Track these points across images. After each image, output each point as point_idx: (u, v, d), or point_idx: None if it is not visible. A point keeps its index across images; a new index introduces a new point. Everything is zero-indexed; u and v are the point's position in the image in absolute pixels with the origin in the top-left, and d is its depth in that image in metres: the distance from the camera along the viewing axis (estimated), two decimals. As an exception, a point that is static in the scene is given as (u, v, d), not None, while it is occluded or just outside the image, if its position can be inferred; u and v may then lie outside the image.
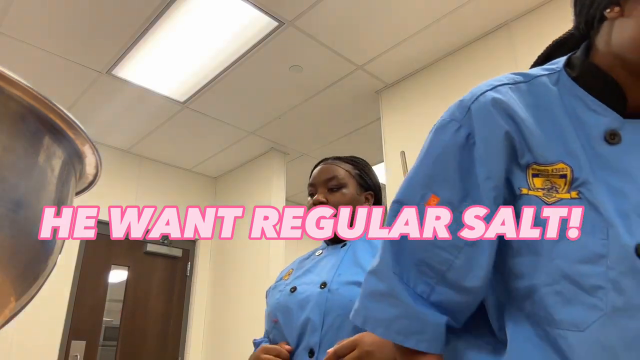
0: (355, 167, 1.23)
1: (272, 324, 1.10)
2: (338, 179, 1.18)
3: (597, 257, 0.51)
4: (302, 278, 1.13)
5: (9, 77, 0.31)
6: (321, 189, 1.18)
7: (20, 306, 0.37)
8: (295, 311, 1.05)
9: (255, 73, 2.89)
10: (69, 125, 0.36)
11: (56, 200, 0.37)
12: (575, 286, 0.51)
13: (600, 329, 0.49)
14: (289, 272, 1.21)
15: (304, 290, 1.08)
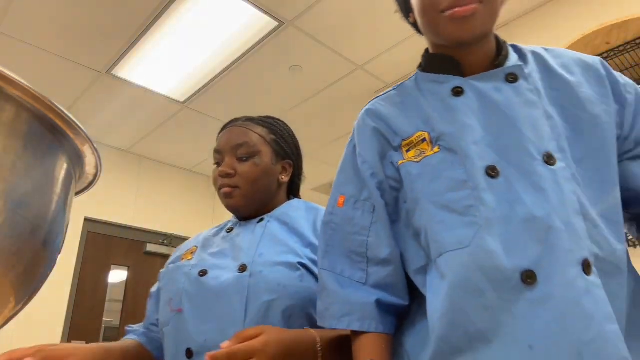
0: (270, 130, 1.04)
1: (172, 314, 0.89)
2: (249, 146, 0.98)
3: (461, 183, 0.63)
4: (213, 259, 0.94)
5: (8, 77, 0.31)
6: (229, 158, 0.99)
7: (20, 306, 0.37)
8: (208, 300, 0.86)
9: (255, 73, 2.89)
10: (69, 125, 0.36)
11: (56, 200, 0.37)
12: (452, 212, 0.63)
13: (480, 241, 0.60)
14: (192, 250, 1.02)
15: (218, 275, 0.89)
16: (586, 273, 0.56)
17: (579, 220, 0.58)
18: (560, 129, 0.64)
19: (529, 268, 0.57)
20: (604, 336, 0.53)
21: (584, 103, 0.66)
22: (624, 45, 1.74)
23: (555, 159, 0.61)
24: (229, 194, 0.97)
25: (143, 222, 3.74)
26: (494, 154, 0.63)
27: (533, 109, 0.64)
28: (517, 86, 0.66)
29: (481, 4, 0.67)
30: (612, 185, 0.63)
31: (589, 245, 0.57)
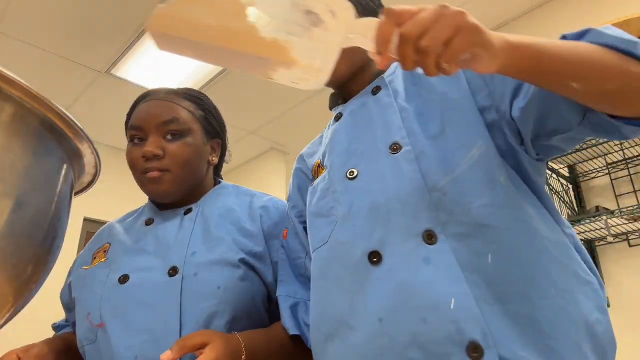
0: (198, 106, 0.91)
1: (93, 330, 0.75)
2: (179, 123, 0.84)
3: (326, 192, 0.73)
4: (133, 260, 0.80)
5: (8, 77, 0.31)
6: (154, 136, 0.83)
7: (19, 306, 0.37)
8: (134, 310, 0.74)
9: (255, 73, 2.89)
10: (68, 125, 0.36)
11: (56, 200, 0.37)
12: (320, 217, 0.72)
13: (336, 235, 0.68)
14: (104, 249, 0.87)
15: (142, 280, 0.76)
16: (429, 243, 0.59)
17: (421, 196, 0.62)
18: (414, 116, 0.69)
19: (375, 249, 0.63)
20: (450, 298, 0.55)
21: (434, 86, 0.71)
22: (624, 45, 1.74)
23: (401, 146, 0.67)
24: (158, 179, 0.82)
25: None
26: (355, 159, 0.72)
27: (387, 110, 0.72)
28: (379, 95, 0.75)
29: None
30: (469, 149, 0.64)
31: (434, 216, 0.60)
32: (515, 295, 0.56)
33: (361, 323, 0.60)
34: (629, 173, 1.87)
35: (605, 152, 1.85)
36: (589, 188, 1.99)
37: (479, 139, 0.64)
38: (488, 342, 0.52)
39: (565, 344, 0.54)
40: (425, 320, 0.55)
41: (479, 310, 0.54)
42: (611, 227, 1.74)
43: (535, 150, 0.64)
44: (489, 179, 0.61)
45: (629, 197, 1.85)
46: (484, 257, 0.57)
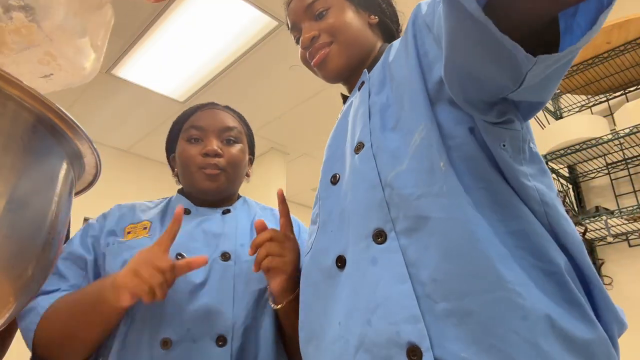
0: (245, 124, 1.04)
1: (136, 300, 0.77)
2: (237, 131, 0.96)
3: (317, 198, 0.73)
4: (184, 243, 0.84)
5: (8, 78, 0.31)
6: (214, 137, 0.93)
7: (19, 306, 0.37)
8: (188, 287, 0.79)
9: (255, 73, 2.89)
10: (68, 126, 0.36)
11: (55, 200, 0.37)
12: (312, 223, 0.73)
13: (316, 242, 0.69)
14: (144, 225, 0.91)
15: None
16: (378, 242, 0.57)
17: (374, 194, 0.60)
18: (379, 109, 0.67)
19: (340, 254, 0.63)
20: (391, 299, 0.53)
21: (394, 73, 0.68)
22: (624, 45, 1.74)
23: (363, 145, 0.65)
24: (216, 176, 0.90)
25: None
26: (339, 162, 0.71)
27: (360, 107, 0.70)
28: (361, 90, 0.73)
29: (331, 44, 0.77)
30: (413, 135, 0.59)
31: (384, 213, 0.58)
32: (459, 290, 0.51)
33: (329, 327, 0.61)
34: (629, 173, 1.87)
35: (605, 152, 1.85)
36: (589, 188, 1.99)
37: (422, 119, 0.59)
38: (425, 344, 0.49)
39: (514, 341, 0.48)
40: (370, 322, 0.54)
41: (418, 311, 0.51)
42: (611, 227, 1.74)
43: (495, 110, 0.54)
44: (427, 166, 0.57)
45: (629, 197, 1.85)
46: (427, 252, 0.53)
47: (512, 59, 0.44)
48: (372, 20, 0.81)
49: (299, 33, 0.83)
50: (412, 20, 0.68)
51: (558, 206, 0.57)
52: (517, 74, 0.46)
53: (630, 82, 1.87)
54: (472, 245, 0.52)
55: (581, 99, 2.03)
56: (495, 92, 0.51)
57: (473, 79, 0.51)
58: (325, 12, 0.78)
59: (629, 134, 1.66)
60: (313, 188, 4.37)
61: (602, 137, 1.73)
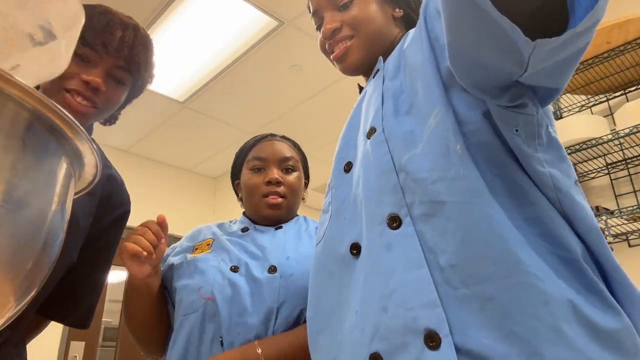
0: (301, 153, 1.16)
1: (203, 302, 0.91)
2: (294, 161, 1.09)
3: (329, 187, 0.73)
4: (237, 256, 0.97)
5: (8, 78, 0.31)
6: (275, 167, 1.05)
7: (19, 306, 0.37)
8: (242, 296, 0.89)
9: (255, 73, 2.89)
10: (68, 125, 0.36)
11: (55, 200, 0.37)
12: (324, 212, 0.72)
13: (329, 230, 0.68)
14: (208, 242, 1.05)
15: (248, 273, 0.93)
16: (393, 227, 0.56)
17: (388, 179, 0.59)
18: (392, 94, 0.66)
19: (355, 241, 0.62)
20: (407, 284, 0.52)
21: (408, 59, 0.67)
22: (624, 45, 1.74)
23: (375, 130, 0.64)
24: (278, 205, 1.02)
25: (142, 222, 3.74)
26: (352, 150, 0.71)
27: (374, 93, 0.70)
28: (375, 78, 0.73)
29: (353, 38, 0.76)
30: (428, 118, 0.58)
31: (399, 198, 0.57)
32: (479, 275, 0.50)
33: (345, 316, 0.60)
34: (629, 173, 1.87)
35: (605, 152, 1.84)
36: (589, 188, 1.99)
37: (437, 103, 0.58)
38: (444, 330, 0.48)
39: (536, 327, 0.47)
40: (386, 309, 0.53)
41: (436, 296, 0.50)
42: (611, 227, 1.74)
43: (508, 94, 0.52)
44: (443, 149, 0.55)
45: (629, 197, 1.85)
46: (445, 237, 0.52)
47: (513, 43, 0.44)
48: (396, 13, 0.80)
49: (320, 20, 0.81)
50: (424, 7, 0.67)
51: (574, 194, 0.55)
52: (520, 59, 0.45)
53: (630, 82, 1.87)
54: (491, 229, 0.51)
55: (581, 99, 2.03)
56: (503, 77, 0.50)
57: (478, 65, 0.50)
58: (349, 3, 0.76)
59: (629, 134, 1.66)
60: (314, 187, 4.37)
61: (602, 137, 1.73)
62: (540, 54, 0.44)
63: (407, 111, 0.62)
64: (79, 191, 0.45)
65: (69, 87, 0.82)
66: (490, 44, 0.47)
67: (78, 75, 0.82)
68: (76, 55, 0.82)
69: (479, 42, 0.48)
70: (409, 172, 0.57)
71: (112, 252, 1.02)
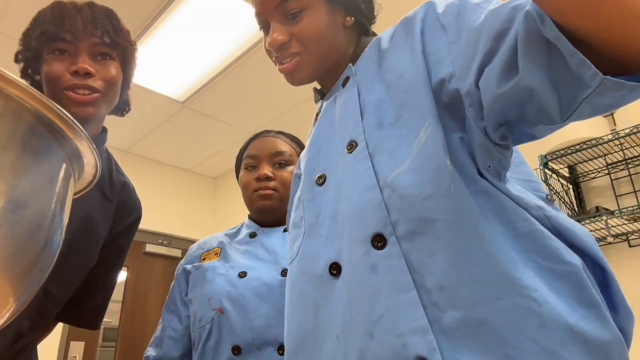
0: (298, 145, 1.15)
1: (214, 313, 0.94)
2: (285, 155, 1.08)
3: (299, 200, 0.69)
4: (247, 261, 0.99)
5: (8, 77, 0.31)
6: (266, 163, 1.07)
7: (19, 307, 0.37)
8: (252, 300, 0.91)
9: (255, 73, 2.88)
10: (68, 125, 0.35)
11: (55, 200, 0.37)
12: (296, 227, 0.69)
13: (304, 247, 0.65)
14: (215, 251, 1.07)
15: (259, 277, 0.94)
16: (377, 247, 0.53)
17: (372, 196, 0.56)
18: (374, 105, 0.63)
19: (334, 260, 0.59)
20: (395, 309, 0.50)
21: (394, 67, 0.63)
22: (624, 45, 1.74)
23: (356, 143, 0.62)
24: (268, 195, 1.03)
25: (142, 222, 3.72)
26: (324, 161, 0.68)
27: (349, 104, 0.66)
28: (346, 87, 0.70)
29: (301, 55, 0.70)
30: (418, 132, 0.56)
31: (383, 216, 0.54)
32: (470, 298, 0.48)
33: (323, 341, 0.56)
34: (629, 173, 1.87)
35: (605, 152, 1.84)
36: (589, 188, 1.99)
37: (428, 117, 0.56)
38: (436, 357, 0.46)
39: (531, 350, 0.46)
40: (372, 335, 0.50)
41: (426, 321, 0.48)
42: (611, 227, 1.74)
43: (499, 133, 0.52)
44: (434, 165, 0.53)
45: (629, 198, 1.85)
46: (433, 257, 0.50)
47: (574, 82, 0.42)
48: (347, 22, 0.74)
49: (264, 22, 0.74)
50: (421, 17, 0.63)
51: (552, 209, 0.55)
52: (570, 104, 0.44)
53: (630, 82, 1.87)
54: (483, 249, 0.49)
55: (581, 99, 2.02)
56: (536, 119, 0.49)
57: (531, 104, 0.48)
58: (298, 13, 0.69)
59: (629, 134, 1.66)
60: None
61: (602, 137, 1.73)
62: (596, 101, 0.43)
63: (393, 122, 0.60)
64: (79, 191, 0.45)
65: (65, 85, 0.83)
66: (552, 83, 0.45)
67: (66, 70, 0.83)
68: (54, 53, 0.85)
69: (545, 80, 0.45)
70: (396, 188, 0.55)
71: (123, 256, 1.04)
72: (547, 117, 0.47)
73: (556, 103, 0.45)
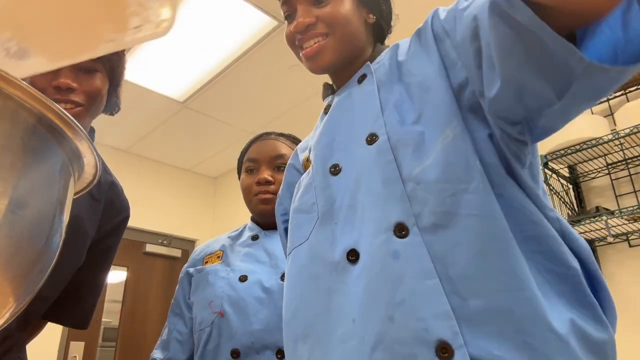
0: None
1: (214, 316, 0.94)
2: (285, 158, 1.07)
3: (309, 187, 0.71)
4: (249, 265, 0.99)
5: (7, 77, 0.31)
6: (265, 167, 1.07)
7: (19, 307, 0.37)
8: (252, 305, 0.92)
9: (255, 73, 2.88)
10: (68, 125, 0.35)
11: (55, 200, 0.37)
12: (302, 212, 0.70)
13: (316, 232, 0.66)
14: (218, 254, 1.08)
15: (259, 281, 0.95)
16: (399, 236, 0.56)
17: (393, 187, 0.59)
18: (394, 103, 0.66)
19: (352, 247, 0.60)
20: (417, 294, 0.52)
21: (412, 68, 0.67)
22: (624, 45, 1.74)
23: (377, 136, 0.64)
24: (269, 200, 1.03)
25: (142, 222, 3.74)
26: (339, 152, 0.69)
27: (367, 99, 0.69)
28: (363, 84, 0.72)
29: (327, 37, 0.73)
30: (443, 130, 0.59)
31: (406, 207, 0.57)
32: (491, 287, 0.51)
33: (337, 324, 0.58)
34: (629, 173, 1.87)
35: (605, 152, 1.84)
36: (589, 188, 1.99)
37: (454, 119, 0.58)
38: (458, 341, 0.48)
39: (547, 339, 0.48)
40: (392, 319, 0.52)
41: (449, 307, 0.50)
42: (611, 227, 1.74)
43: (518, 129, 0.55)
44: (464, 162, 0.56)
45: (629, 197, 1.85)
46: (458, 248, 0.53)
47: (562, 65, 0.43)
48: (369, 19, 0.78)
49: (290, 9, 0.77)
50: (430, 24, 0.67)
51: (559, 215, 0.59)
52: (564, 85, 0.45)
53: (630, 82, 1.87)
54: (507, 243, 0.52)
55: (581, 99, 2.02)
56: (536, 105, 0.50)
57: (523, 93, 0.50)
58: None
59: (629, 134, 1.66)
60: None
61: (602, 137, 1.73)
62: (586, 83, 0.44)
63: (416, 120, 0.62)
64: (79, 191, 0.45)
65: None
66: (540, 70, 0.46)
67: (49, 85, 0.82)
68: None
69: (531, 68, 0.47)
70: (421, 181, 0.57)
71: (111, 256, 1.04)
72: (546, 100, 0.49)
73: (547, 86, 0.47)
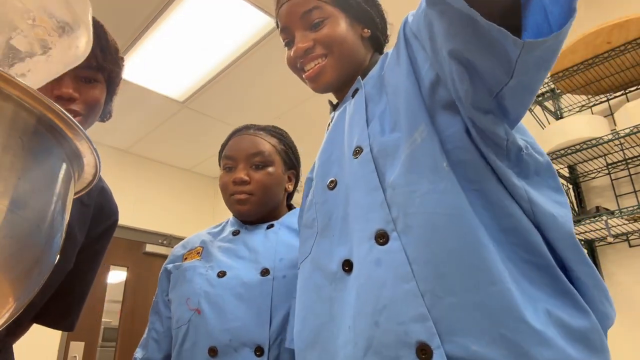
0: (280, 141, 1.10)
1: (191, 313, 0.91)
2: (264, 156, 1.03)
3: (311, 203, 0.75)
4: (228, 260, 0.96)
5: (7, 77, 0.31)
6: (243, 165, 1.02)
7: (19, 307, 0.37)
8: (230, 301, 0.89)
9: (255, 73, 2.88)
10: (68, 125, 0.35)
11: (55, 200, 0.37)
12: (307, 228, 0.74)
13: (317, 246, 0.69)
14: (197, 250, 1.04)
15: (238, 277, 0.92)
16: (380, 243, 0.58)
17: (375, 196, 0.61)
18: (378, 115, 0.68)
19: (346, 258, 0.63)
20: (397, 299, 0.54)
21: (389, 80, 0.70)
22: (624, 45, 1.74)
23: (361, 149, 0.66)
24: (244, 200, 1.00)
25: (142, 222, 3.74)
26: (335, 167, 0.72)
27: (356, 113, 0.71)
28: (355, 97, 0.74)
29: (327, 57, 0.77)
30: (411, 134, 0.61)
31: (385, 214, 0.59)
32: (464, 284, 0.52)
33: (338, 332, 0.61)
34: (629, 173, 1.87)
35: (605, 152, 1.84)
36: (589, 188, 1.99)
37: (421, 121, 0.61)
38: (435, 342, 0.50)
39: (521, 330, 0.49)
40: (377, 324, 0.55)
41: (425, 309, 0.52)
42: (611, 227, 1.73)
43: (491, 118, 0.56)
44: (431, 164, 0.58)
45: (629, 197, 1.85)
46: (431, 248, 0.55)
47: (501, 47, 0.46)
48: (365, 33, 0.81)
49: (289, 37, 0.82)
50: (401, 30, 0.71)
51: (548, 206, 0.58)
52: (508, 63, 0.48)
53: (630, 82, 1.87)
54: (476, 240, 0.54)
55: (581, 99, 2.02)
56: (492, 83, 0.52)
57: (476, 72, 0.52)
58: (321, 22, 0.77)
59: (629, 134, 1.66)
60: (313, 188, 4.36)
61: (602, 137, 1.73)
62: (528, 58, 0.47)
63: (393, 128, 0.65)
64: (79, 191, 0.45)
65: None
66: (484, 51, 0.49)
67: (51, 93, 0.82)
68: None
69: (476, 49, 0.50)
70: (396, 186, 0.60)
71: (99, 260, 1.06)
72: (499, 78, 0.51)
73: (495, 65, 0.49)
